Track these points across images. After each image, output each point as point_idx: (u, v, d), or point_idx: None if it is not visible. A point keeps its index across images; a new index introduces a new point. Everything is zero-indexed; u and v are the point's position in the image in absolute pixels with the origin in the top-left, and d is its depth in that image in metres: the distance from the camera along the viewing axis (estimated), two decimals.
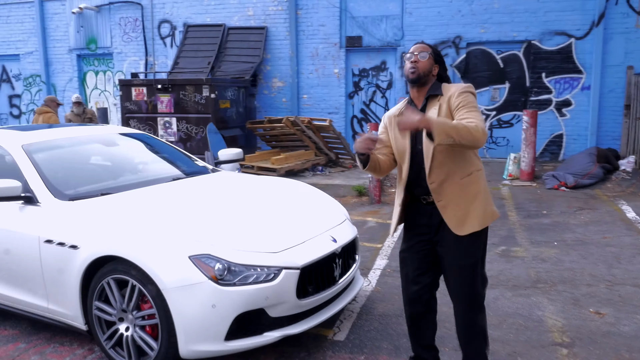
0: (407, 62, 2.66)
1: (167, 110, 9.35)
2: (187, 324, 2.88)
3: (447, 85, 2.66)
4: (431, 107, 2.62)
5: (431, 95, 2.64)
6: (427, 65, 2.63)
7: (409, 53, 2.66)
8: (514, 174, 8.60)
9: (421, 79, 2.63)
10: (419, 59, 2.62)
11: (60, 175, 3.73)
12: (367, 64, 10.93)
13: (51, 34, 12.81)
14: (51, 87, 12.98)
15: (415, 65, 2.62)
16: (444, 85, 2.66)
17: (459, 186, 2.58)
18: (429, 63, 2.64)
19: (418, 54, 2.62)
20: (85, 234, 3.20)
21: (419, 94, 2.69)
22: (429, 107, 2.63)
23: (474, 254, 2.64)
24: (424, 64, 2.62)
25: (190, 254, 2.92)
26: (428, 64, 2.63)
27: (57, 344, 3.57)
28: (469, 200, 2.59)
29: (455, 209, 2.59)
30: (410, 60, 2.64)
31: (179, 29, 11.75)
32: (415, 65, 2.62)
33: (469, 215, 2.58)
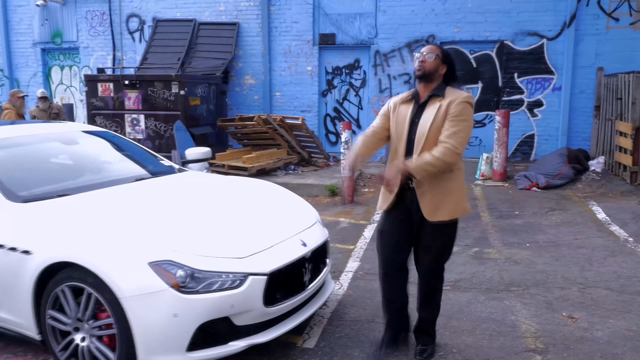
0: (416, 60, 2.97)
1: (135, 107, 9.07)
2: (147, 335, 2.71)
3: (452, 90, 2.93)
4: (432, 105, 2.93)
5: (434, 94, 2.93)
6: (433, 65, 2.91)
7: (419, 54, 2.97)
8: (486, 174, 8.61)
9: (426, 76, 2.93)
10: (426, 58, 2.91)
11: (14, 176, 3.51)
12: (340, 62, 10.82)
13: (14, 27, 12.32)
14: (14, 82, 12.49)
15: (422, 64, 2.91)
16: (449, 89, 2.93)
17: (439, 179, 2.91)
18: (436, 63, 2.92)
19: (426, 54, 2.92)
20: (38, 238, 3.00)
21: (425, 90, 2.99)
22: (430, 104, 2.94)
23: (442, 238, 3.01)
24: (430, 63, 2.91)
25: (150, 260, 2.75)
26: (434, 64, 2.91)
27: (9, 355, 3.36)
28: (444, 194, 2.93)
29: (431, 198, 2.93)
30: (418, 59, 2.94)
31: (148, 23, 11.44)
32: (422, 64, 2.91)
33: (442, 206, 2.93)
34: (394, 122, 3.06)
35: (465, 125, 2.84)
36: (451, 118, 2.83)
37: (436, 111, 2.87)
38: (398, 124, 3.03)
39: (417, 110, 2.97)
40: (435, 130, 2.86)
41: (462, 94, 2.88)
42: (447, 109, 2.84)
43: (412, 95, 3.03)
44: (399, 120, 3.03)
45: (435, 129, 2.86)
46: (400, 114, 3.04)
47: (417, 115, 2.96)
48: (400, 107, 3.05)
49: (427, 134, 2.88)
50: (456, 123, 2.82)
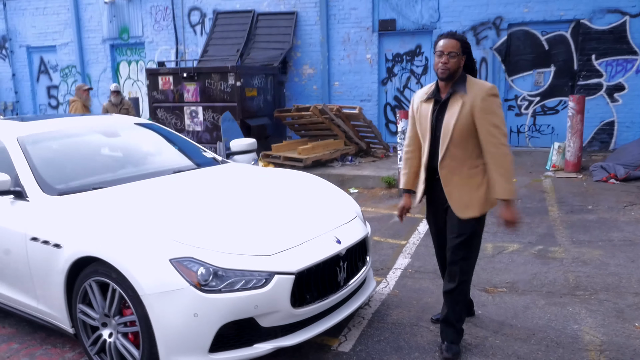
0: (436, 57, 2.85)
1: (194, 99, 9.17)
2: (168, 334, 2.61)
3: (472, 81, 2.83)
4: (454, 102, 2.83)
5: (456, 90, 2.83)
6: (456, 63, 2.81)
7: (439, 50, 2.82)
8: (558, 165, 7.96)
9: (451, 76, 2.83)
10: (449, 59, 2.79)
11: (53, 169, 3.54)
12: (401, 48, 10.40)
13: (85, 24, 12.90)
14: (86, 78, 13.10)
15: (445, 66, 2.80)
16: (469, 81, 2.82)
17: (466, 176, 2.87)
18: (458, 60, 2.82)
19: (448, 54, 2.79)
20: (68, 231, 2.98)
21: (445, 87, 2.90)
22: (452, 101, 2.84)
23: (470, 228, 2.91)
24: (454, 63, 2.80)
25: (171, 257, 2.64)
26: (457, 61, 2.82)
27: (49, 346, 3.40)
28: (473, 190, 2.87)
29: (460, 196, 2.89)
30: (440, 59, 2.82)
31: (208, 16, 11.55)
32: (445, 66, 2.80)
33: (472, 202, 2.87)
34: (418, 123, 3.03)
35: (500, 119, 2.80)
36: (483, 115, 2.76)
37: (460, 108, 2.80)
38: (421, 124, 2.99)
39: (440, 108, 2.90)
40: (460, 129, 2.80)
41: (484, 86, 2.80)
42: (472, 106, 2.77)
43: (433, 92, 2.94)
44: (422, 120, 2.99)
45: (461, 127, 2.80)
46: (422, 113, 2.98)
47: (440, 113, 2.89)
48: (422, 106, 2.99)
49: (452, 132, 2.81)
50: (490, 118, 2.77)
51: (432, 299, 3.76)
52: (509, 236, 5.10)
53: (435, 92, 2.93)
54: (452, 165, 2.87)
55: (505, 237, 5.09)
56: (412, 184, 3.16)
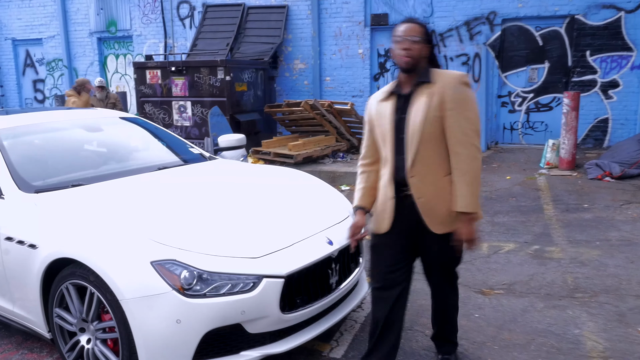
0: (396, 45, 2.41)
1: (182, 93, 8.97)
2: (149, 341, 2.45)
3: (438, 71, 2.42)
4: (420, 95, 2.39)
5: (422, 81, 2.40)
6: (419, 50, 2.39)
7: (399, 36, 2.39)
8: (552, 162, 7.86)
9: (416, 67, 2.40)
10: (412, 44, 2.37)
11: (30, 165, 3.36)
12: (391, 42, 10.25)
13: (72, 17, 12.61)
14: (73, 72, 12.82)
15: (408, 53, 2.36)
16: (434, 71, 2.41)
17: (443, 183, 2.42)
18: (421, 47, 2.39)
19: (411, 38, 2.37)
20: (44, 231, 2.81)
21: (408, 79, 2.44)
22: (418, 95, 2.40)
23: (453, 251, 2.50)
24: (417, 50, 2.38)
25: (152, 259, 2.47)
26: (421, 49, 2.40)
27: (26, 351, 3.23)
28: (449, 200, 2.41)
29: (436, 207, 2.43)
30: (401, 46, 2.38)
31: (198, 9, 11.33)
32: (408, 53, 2.36)
33: (449, 216, 2.41)
34: (377, 126, 2.52)
35: (474, 113, 2.37)
36: (453, 108, 2.33)
37: (428, 101, 2.34)
38: (381, 126, 2.49)
39: (403, 103, 2.42)
40: (431, 124, 2.34)
41: (455, 74, 2.39)
42: (442, 96, 2.33)
43: (393, 88, 2.47)
44: (381, 122, 2.49)
45: (432, 123, 2.34)
46: (381, 113, 2.50)
47: (403, 110, 2.41)
48: (380, 106, 2.51)
49: (422, 129, 2.35)
50: (463, 111, 2.34)
51: (426, 301, 3.61)
52: (504, 235, 4.99)
53: (396, 86, 2.47)
54: (424, 171, 2.39)
55: (501, 236, 4.98)
56: (368, 201, 2.62)
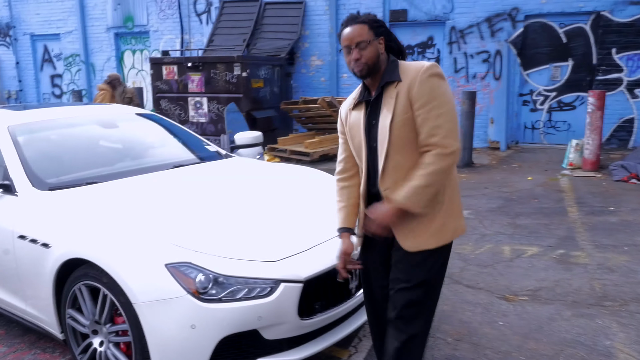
0: (345, 54, 2.12)
1: (198, 89, 8.92)
2: (162, 346, 2.37)
3: (406, 65, 2.11)
4: (387, 98, 2.09)
5: (388, 81, 2.09)
6: (372, 52, 2.08)
7: (345, 45, 2.09)
8: (575, 163, 7.66)
9: (372, 71, 2.10)
10: (361, 52, 2.06)
11: (45, 161, 3.30)
12: (412, 40, 10.09)
13: (90, 12, 12.64)
14: (90, 67, 12.86)
15: (359, 62, 2.07)
16: (402, 66, 2.10)
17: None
18: (374, 48, 2.09)
19: (357, 45, 2.06)
20: (58, 230, 2.75)
21: (374, 81, 2.15)
22: (385, 96, 2.10)
23: (422, 275, 2.11)
24: (369, 52, 2.08)
25: (167, 262, 2.39)
26: (373, 49, 2.09)
27: (38, 350, 3.18)
28: (427, 212, 2.07)
29: (407, 221, 2.08)
30: (351, 57, 2.08)
31: (215, 4, 11.26)
32: (359, 62, 2.07)
33: (424, 229, 2.09)
34: (350, 137, 2.25)
35: (446, 109, 2.00)
36: (422, 104, 1.99)
37: (395, 101, 2.04)
38: (354, 136, 2.21)
39: (372, 109, 2.14)
40: (400, 128, 2.04)
41: (421, 66, 2.04)
42: (410, 94, 2.02)
43: (361, 94, 2.19)
44: (353, 132, 2.22)
45: (400, 126, 2.04)
46: (352, 123, 2.22)
47: (373, 116, 2.13)
48: (352, 114, 2.23)
49: (390, 135, 2.05)
50: (432, 109, 1.99)
51: (448, 307, 3.51)
52: (527, 238, 4.83)
53: (364, 92, 2.18)
54: (396, 179, 2.06)
55: (523, 239, 4.82)
56: (353, 220, 2.33)
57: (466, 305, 3.53)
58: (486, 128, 9.63)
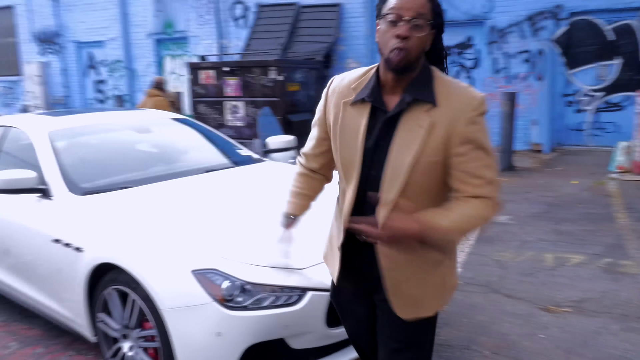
0: (387, 26, 1.50)
1: (235, 93, 8.99)
2: (188, 353, 2.35)
3: (446, 84, 1.56)
4: (412, 121, 1.53)
5: (418, 98, 1.53)
6: (423, 40, 1.51)
7: (395, 12, 1.48)
8: (624, 166, 7.29)
9: (410, 68, 1.53)
10: (412, 31, 1.47)
11: (80, 166, 3.36)
12: (450, 40, 9.86)
13: (132, 19, 12.97)
14: (132, 73, 13.19)
15: (406, 44, 1.47)
16: (440, 82, 1.55)
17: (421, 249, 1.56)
18: (426, 37, 1.52)
19: (411, 20, 1.47)
20: (90, 235, 2.79)
21: (396, 84, 1.57)
22: (411, 119, 1.53)
23: (418, 336, 1.75)
24: (419, 39, 1.49)
25: (193, 268, 2.37)
26: (424, 39, 1.52)
27: (73, 352, 3.23)
28: (428, 271, 1.67)
29: (406, 284, 1.66)
30: (397, 31, 1.47)
31: (251, 9, 11.35)
32: (406, 44, 1.47)
33: (426, 294, 1.69)
34: (338, 142, 1.66)
35: (493, 157, 1.59)
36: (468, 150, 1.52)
37: (425, 134, 1.51)
38: (343, 146, 1.64)
39: (383, 125, 1.58)
40: (423, 171, 1.53)
41: (472, 98, 1.53)
42: (449, 132, 1.51)
43: (370, 92, 1.59)
44: (344, 137, 1.63)
45: (424, 169, 1.53)
46: (346, 125, 1.63)
47: (384, 135, 1.57)
48: (347, 112, 1.64)
49: (407, 176, 1.53)
50: (479, 158, 1.54)
51: (486, 317, 3.37)
52: (571, 246, 4.61)
53: (375, 90, 1.59)
54: None
55: (568, 247, 4.60)
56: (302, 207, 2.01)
57: (505, 316, 3.38)
58: (528, 130, 9.32)
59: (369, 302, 1.82)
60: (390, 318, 1.71)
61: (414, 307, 1.68)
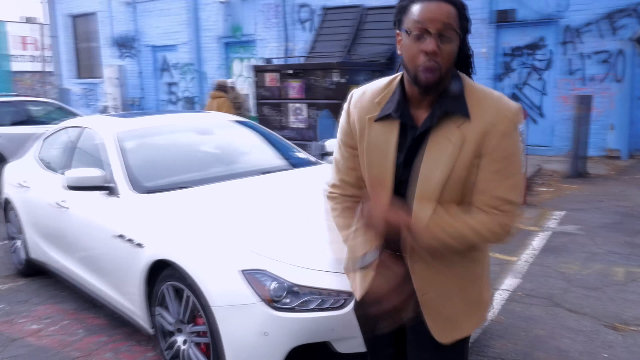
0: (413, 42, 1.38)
1: (298, 96, 9.11)
2: (236, 351, 2.41)
3: (477, 92, 1.45)
4: (442, 136, 1.44)
5: (449, 111, 1.44)
6: (453, 51, 1.40)
7: (419, 26, 1.36)
8: None
9: (441, 84, 1.42)
10: (442, 46, 1.36)
11: (144, 166, 3.53)
12: (520, 41, 9.49)
13: (202, 24, 13.46)
14: (202, 75, 13.69)
15: (435, 61, 1.36)
16: (471, 91, 1.45)
17: (454, 265, 1.53)
18: (455, 46, 1.41)
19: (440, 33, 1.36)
20: (150, 232, 2.93)
21: (423, 99, 1.48)
22: (441, 134, 1.44)
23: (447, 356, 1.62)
24: (449, 51, 1.39)
25: (242, 268, 2.43)
26: (454, 48, 1.40)
27: (134, 342, 3.40)
28: (466, 289, 1.57)
29: (441, 303, 1.55)
30: (425, 48, 1.36)
31: (317, 12, 11.46)
32: (435, 61, 1.36)
33: (464, 314, 1.57)
34: (366, 161, 1.56)
35: (521, 175, 1.48)
36: (497, 164, 1.43)
37: (456, 150, 1.43)
38: (372, 164, 1.54)
39: (412, 142, 1.49)
40: (454, 184, 1.45)
41: (506, 108, 1.43)
42: (480, 146, 1.42)
43: (396, 107, 1.49)
44: (373, 156, 1.54)
45: (455, 182, 1.45)
46: (375, 142, 1.54)
47: (412, 153, 1.49)
48: (374, 129, 1.54)
49: (438, 193, 1.45)
50: (508, 175, 1.44)
51: (545, 332, 3.22)
52: None
53: (401, 106, 1.49)
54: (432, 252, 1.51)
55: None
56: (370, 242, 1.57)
57: (566, 332, 3.21)
58: (604, 135, 8.79)
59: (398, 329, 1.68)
60: (422, 340, 1.60)
61: (450, 330, 1.58)
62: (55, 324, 3.69)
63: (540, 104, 9.44)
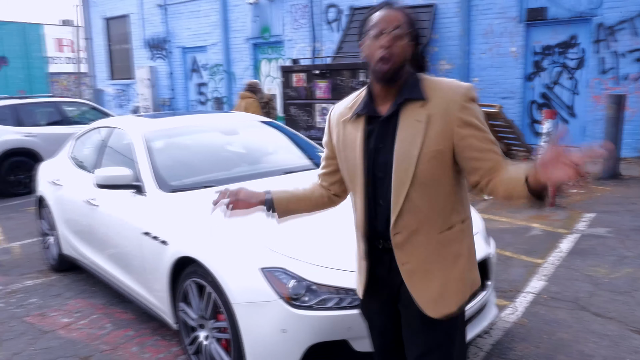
0: (371, 41, 1.64)
1: (325, 96, 9.15)
2: (256, 347, 2.46)
3: (432, 81, 1.69)
4: (410, 116, 1.65)
5: (410, 97, 1.66)
6: (405, 48, 1.64)
7: (376, 28, 1.63)
8: None
9: (396, 75, 1.65)
10: (394, 41, 1.61)
11: (170, 165, 3.62)
12: (552, 39, 9.31)
13: (231, 25, 13.64)
14: (231, 76, 13.87)
15: (389, 51, 1.61)
16: (426, 81, 1.68)
17: (436, 244, 1.70)
18: (407, 46, 1.64)
19: (392, 31, 1.61)
20: (174, 229, 3.01)
21: (386, 92, 1.70)
22: (407, 116, 1.65)
23: (446, 337, 1.74)
24: (401, 47, 1.63)
25: (262, 266, 2.48)
26: (406, 47, 1.64)
27: (159, 337, 3.49)
28: (447, 267, 1.72)
29: (427, 279, 1.70)
30: (379, 43, 1.62)
31: (345, 12, 11.48)
32: (389, 51, 1.61)
33: (447, 289, 1.71)
34: (342, 157, 1.82)
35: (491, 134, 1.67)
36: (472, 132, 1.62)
37: (425, 126, 1.62)
38: (347, 159, 1.78)
39: (380, 129, 1.70)
40: (429, 160, 1.62)
41: (458, 86, 1.66)
42: (446, 121, 1.62)
43: (363, 105, 1.74)
44: (347, 153, 1.78)
45: (430, 158, 1.62)
46: (347, 140, 1.78)
47: (380, 138, 1.70)
48: (346, 128, 1.79)
49: (416, 168, 1.62)
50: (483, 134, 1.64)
51: (569, 335, 3.17)
52: None
53: (368, 103, 1.73)
54: (413, 226, 1.67)
55: None
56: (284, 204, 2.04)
57: (590, 336, 3.16)
58: (638, 135, 8.54)
59: (394, 314, 1.83)
60: (413, 322, 1.75)
61: (435, 303, 1.70)
62: (85, 318, 3.82)
63: (571, 104, 9.24)
